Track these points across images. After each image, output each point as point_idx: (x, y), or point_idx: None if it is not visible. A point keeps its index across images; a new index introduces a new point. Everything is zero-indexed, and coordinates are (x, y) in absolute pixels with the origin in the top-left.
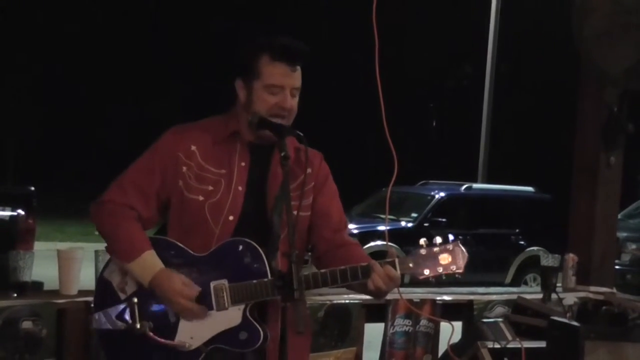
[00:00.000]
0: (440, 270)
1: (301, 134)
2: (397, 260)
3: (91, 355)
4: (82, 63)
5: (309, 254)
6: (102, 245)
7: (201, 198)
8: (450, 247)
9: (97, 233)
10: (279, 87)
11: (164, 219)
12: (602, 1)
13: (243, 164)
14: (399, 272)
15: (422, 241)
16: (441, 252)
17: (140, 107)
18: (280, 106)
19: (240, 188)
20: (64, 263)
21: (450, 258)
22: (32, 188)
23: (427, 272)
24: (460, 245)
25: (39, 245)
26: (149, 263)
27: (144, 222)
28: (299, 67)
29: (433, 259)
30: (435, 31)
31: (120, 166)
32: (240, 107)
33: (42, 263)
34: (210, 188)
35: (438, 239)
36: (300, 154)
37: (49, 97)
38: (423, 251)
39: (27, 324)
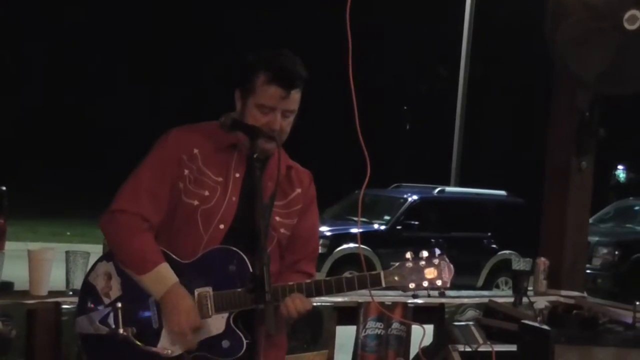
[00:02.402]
0: (426, 284)
1: (274, 136)
2: (382, 273)
3: (61, 356)
4: (57, 60)
5: None
6: (73, 246)
7: (196, 203)
8: (436, 261)
9: (106, 243)
10: (270, 108)
11: None
12: (576, 6)
13: (237, 175)
14: (384, 284)
15: (409, 254)
16: (427, 266)
17: (115, 107)
18: (269, 126)
19: (234, 199)
20: (34, 263)
21: (436, 272)
22: (3, 188)
23: (412, 285)
24: (447, 260)
25: (9, 245)
26: (162, 277)
27: (154, 228)
28: (295, 91)
29: (419, 272)
30: (408, 34)
31: (93, 167)
32: (237, 116)
33: (12, 263)
34: (207, 193)
35: (424, 253)
36: (292, 172)
37: (21, 96)
38: (409, 264)
39: None
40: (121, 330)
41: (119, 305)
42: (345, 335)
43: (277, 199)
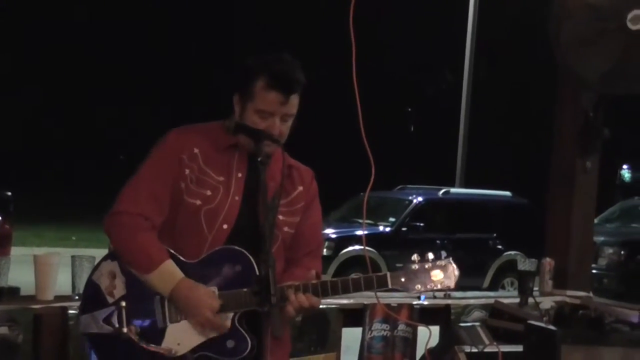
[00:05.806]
0: (432, 286)
1: (277, 139)
2: (388, 274)
3: None
4: (62, 67)
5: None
6: (78, 251)
7: (198, 202)
8: (442, 263)
9: (111, 247)
10: (269, 113)
11: None
12: (579, 7)
13: (240, 174)
14: (390, 285)
15: (415, 256)
16: (433, 268)
17: (120, 112)
18: (268, 131)
19: (237, 198)
20: (40, 268)
21: (442, 274)
22: (9, 193)
23: (418, 287)
24: (452, 262)
25: (15, 251)
26: (168, 274)
27: (157, 228)
28: (294, 96)
29: (425, 274)
30: (413, 35)
31: (98, 171)
32: (236, 119)
33: (18, 268)
34: (209, 193)
35: (430, 255)
36: (293, 171)
37: (27, 101)
38: (415, 266)
39: (3, 330)
40: (125, 330)
41: (123, 304)
42: (351, 337)
43: (279, 198)
